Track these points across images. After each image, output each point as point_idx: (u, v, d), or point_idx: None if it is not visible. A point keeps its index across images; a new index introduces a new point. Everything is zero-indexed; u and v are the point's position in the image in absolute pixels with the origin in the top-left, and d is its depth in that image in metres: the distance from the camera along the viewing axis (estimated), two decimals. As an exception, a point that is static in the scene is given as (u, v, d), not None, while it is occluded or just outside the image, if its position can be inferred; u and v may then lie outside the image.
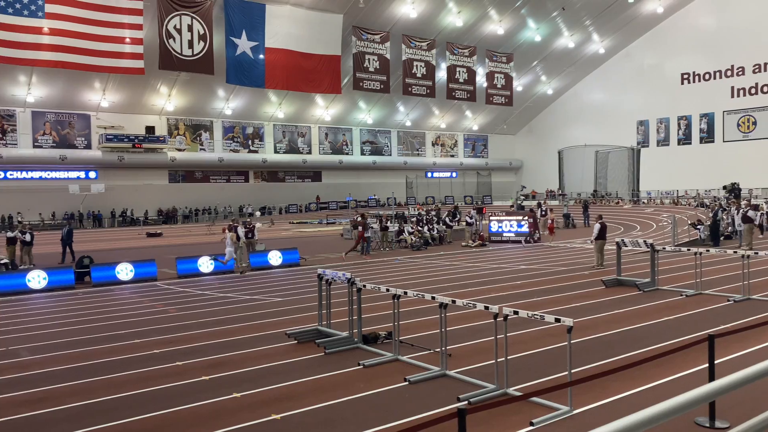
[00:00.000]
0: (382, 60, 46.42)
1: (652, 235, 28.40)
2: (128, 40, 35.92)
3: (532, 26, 54.17)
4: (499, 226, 29.72)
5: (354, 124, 62.97)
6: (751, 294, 12.96)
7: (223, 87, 48.83)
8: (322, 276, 10.45)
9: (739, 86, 54.43)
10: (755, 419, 2.31)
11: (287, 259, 21.85)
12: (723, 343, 7.68)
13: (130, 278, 18.74)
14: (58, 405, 7.40)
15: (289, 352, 9.60)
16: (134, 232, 42.63)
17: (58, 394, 7.86)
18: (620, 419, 2.04)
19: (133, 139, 49.29)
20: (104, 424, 6.68)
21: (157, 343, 10.50)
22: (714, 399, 3.53)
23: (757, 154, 51.93)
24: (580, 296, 13.91)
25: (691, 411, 6.03)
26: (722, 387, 2.22)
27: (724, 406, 6.03)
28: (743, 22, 52.37)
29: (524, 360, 8.62)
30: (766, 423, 2.32)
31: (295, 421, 6.63)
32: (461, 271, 19.40)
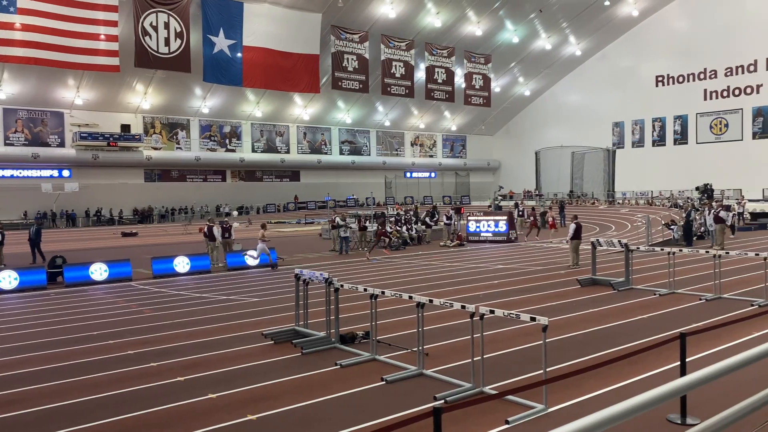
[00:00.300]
0: (361, 59, 46.40)
1: (627, 235, 28.79)
2: (103, 36, 35.44)
3: (509, 28, 54.59)
4: (477, 226, 29.89)
5: (333, 123, 62.84)
6: (723, 293, 13.20)
7: (200, 85, 48.37)
8: (300, 276, 10.41)
9: (712, 89, 55.44)
10: (722, 414, 2.36)
11: (265, 259, 21.70)
12: (694, 341, 7.81)
13: (104, 278, 18.47)
14: (29, 407, 7.26)
15: (266, 352, 9.54)
16: (109, 232, 42.03)
17: (29, 396, 7.72)
18: (594, 414, 2.06)
19: (108, 137, 48.57)
20: (76, 426, 6.57)
21: (132, 344, 10.36)
22: (685, 393, 3.61)
23: (728, 156, 52.95)
24: (555, 295, 14.05)
25: (664, 408, 6.14)
26: (693, 382, 2.26)
27: (695, 403, 6.14)
28: (716, 26, 53.36)
29: (500, 359, 8.67)
30: (733, 418, 2.36)
31: (271, 422, 6.59)
32: (439, 270, 19.47)
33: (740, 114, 53.76)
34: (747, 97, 53.21)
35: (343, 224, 25.63)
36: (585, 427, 1.91)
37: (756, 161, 51.08)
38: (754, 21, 51.07)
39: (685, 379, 2.26)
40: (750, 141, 53.05)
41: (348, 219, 27.16)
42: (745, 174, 50.02)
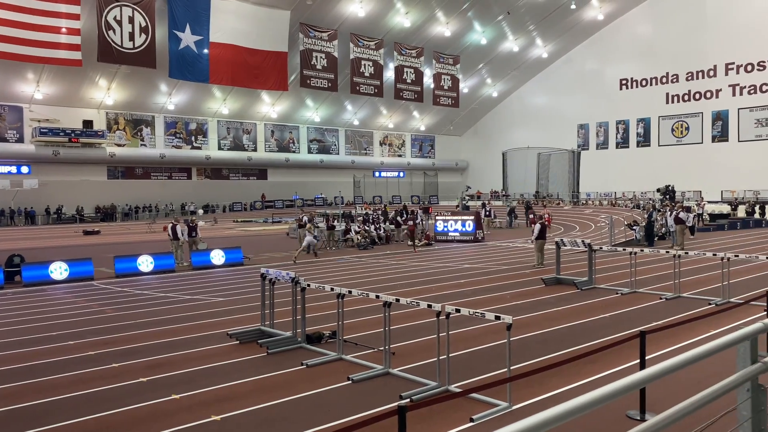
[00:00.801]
0: (330, 58, 46.23)
1: (591, 236, 29.32)
2: (64, 30, 34.55)
3: (478, 29, 55.06)
4: (444, 226, 30.08)
5: (301, 121, 62.49)
6: (682, 292, 13.54)
7: (166, 81, 47.58)
8: (266, 275, 10.32)
9: (674, 93, 56.82)
10: (675, 408, 2.42)
11: (230, 259, 21.49)
12: (654, 339, 8.00)
13: (64, 278, 18.03)
14: (-17, 410, 7.04)
15: (231, 352, 9.44)
16: (70, 230, 41.04)
17: (-16, 398, 7.49)
18: (555, 407, 2.10)
19: (70, 133, 47.38)
20: (34, 429, 6.40)
21: (93, 345, 10.14)
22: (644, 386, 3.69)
23: (689, 159, 54.35)
24: (520, 294, 14.23)
25: (624, 405, 6.27)
26: (650, 375, 2.32)
27: (654, 400, 6.29)
28: (678, 31, 54.72)
29: (466, 357, 8.74)
30: (685, 411, 2.43)
31: (235, 422, 6.53)
32: (406, 270, 19.53)
33: (700, 118, 55.24)
34: (707, 102, 54.71)
35: (309, 225, 25.39)
36: (546, 419, 1.94)
37: (715, 164, 52.55)
38: (714, 27, 52.54)
39: (644, 372, 2.32)
40: (709, 144, 54.55)
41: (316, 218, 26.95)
42: (705, 176, 51.42)
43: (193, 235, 22.50)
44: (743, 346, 2.81)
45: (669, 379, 6.39)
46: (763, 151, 50.77)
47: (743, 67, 52.28)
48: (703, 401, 2.52)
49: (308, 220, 25.53)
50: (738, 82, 52.73)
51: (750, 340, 2.80)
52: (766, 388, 2.83)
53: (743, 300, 11.83)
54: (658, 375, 2.41)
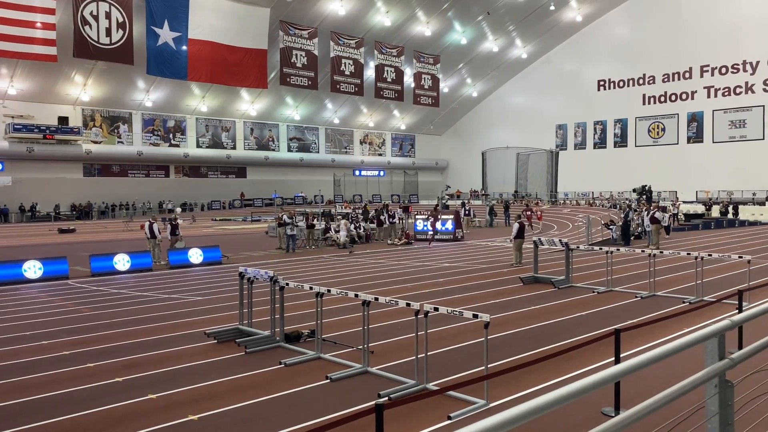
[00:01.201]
0: (310, 56, 46.06)
1: (568, 235, 29.63)
2: (39, 24, 33.97)
3: (458, 29, 55.29)
4: (424, 225, 30.16)
5: (281, 119, 62.21)
6: (657, 291, 13.75)
7: (144, 78, 47.02)
8: (244, 274, 10.28)
9: (650, 94, 57.65)
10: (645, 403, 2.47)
11: (208, 257, 21.33)
12: (629, 337, 8.12)
13: (38, 276, 17.74)
14: (-46, 411, 6.92)
15: (208, 351, 9.38)
16: (44, 228, 40.38)
17: (-45, 399, 7.35)
18: (529, 401, 2.14)
19: (45, 129, 46.61)
20: (6, 430, 6.30)
21: (68, 344, 10.01)
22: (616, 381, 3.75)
23: (665, 159, 55.20)
24: (498, 293, 14.34)
25: (599, 402, 6.36)
26: (622, 371, 2.37)
27: (629, 397, 6.38)
28: (655, 33, 55.51)
29: (444, 355, 8.79)
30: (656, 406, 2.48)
31: (212, 422, 6.50)
32: (386, 269, 19.57)
33: (676, 119, 56.12)
34: (683, 103, 55.60)
35: (289, 222, 25.36)
36: (521, 414, 1.98)
37: (690, 165, 53.44)
38: (690, 30, 53.40)
39: (616, 368, 2.37)
40: (685, 145, 55.46)
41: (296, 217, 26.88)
42: (680, 177, 52.28)
43: (176, 234, 22.53)
44: (711, 342, 2.87)
45: (643, 377, 6.49)
46: (737, 152, 51.77)
47: (718, 69, 53.23)
48: (672, 396, 2.57)
49: (288, 218, 25.43)
50: (713, 84, 53.68)
51: (718, 336, 2.86)
52: (733, 383, 2.90)
53: (716, 298, 12.07)
54: (629, 370, 2.46)
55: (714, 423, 2.83)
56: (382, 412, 3.96)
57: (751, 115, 51.77)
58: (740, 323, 3.18)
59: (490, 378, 6.16)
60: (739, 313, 3.57)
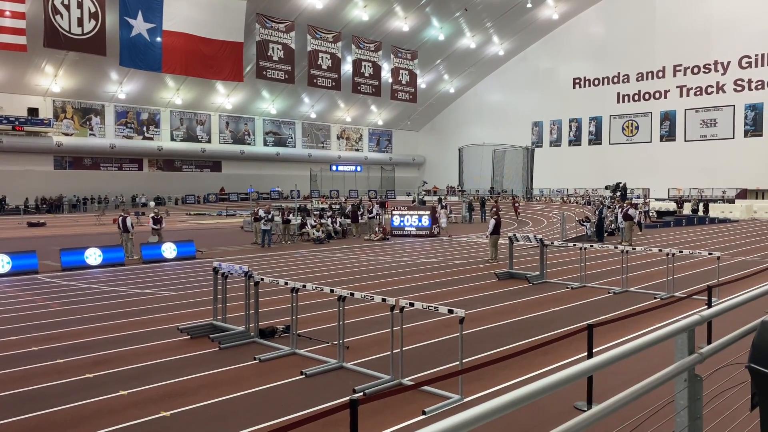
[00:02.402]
0: (287, 49, 45.75)
1: (543, 231, 29.93)
2: (8, 13, 33.22)
3: (436, 25, 55.39)
4: (401, 221, 30.20)
5: (257, 113, 61.73)
6: (629, 286, 13.95)
7: (116, 69, 46.27)
8: (218, 269, 10.17)
9: (624, 92, 58.45)
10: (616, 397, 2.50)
11: (182, 252, 21.08)
12: (601, 332, 8.22)
13: (6, 271, 17.35)
14: None
15: (181, 347, 9.27)
16: (13, 222, 39.53)
17: None
18: (503, 396, 2.15)
19: (14, 120, 45.63)
20: (-29, 429, 6.16)
21: (36, 340, 9.81)
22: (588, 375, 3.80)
23: (638, 157, 56.05)
24: (474, 288, 14.41)
25: (571, 397, 6.43)
26: (594, 365, 2.39)
27: (601, 391, 6.46)
28: (629, 32, 56.27)
29: (419, 351, 8.81)
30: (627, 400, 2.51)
31: (185, 418, 6.42)
32: (362, 264, 19.55)
33: (649, 117, 57.00)
34: (656, 102, 56.49)
35: (264, 216, 25.17)
36: (495, 408, 1.99)
37: (662, 162, 54.35)
38: (663, 30, 54.24)
39: (588, 362, 2.39)
40: (657, 143, 56.38)
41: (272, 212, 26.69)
42: (653, 174, 53.15)
43: (160, 227, 22.54)
44: (681, 337, 2.91)
45: (615, 371, 6.57)
46: (708, 151, 52.78)
47: (690, 69, 54.16)
48: (643, 390, 2.60)
49: (265, 213, 25.27)
50: (685, 83, 54.61)
51: (687, 331, 2.90)
52: (701, 377, 2.94)
53: (686, 294, 12.28)
54: (601, 365, 2.48)
55: (683, 416, 2.87)
56: (357, 407, 3.95)
57: (722, 114, 52.80)
58: (709, 318, 3.23)
59: (464, 373, 6.18)
60: (708, 309, 3.63)
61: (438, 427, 1.90)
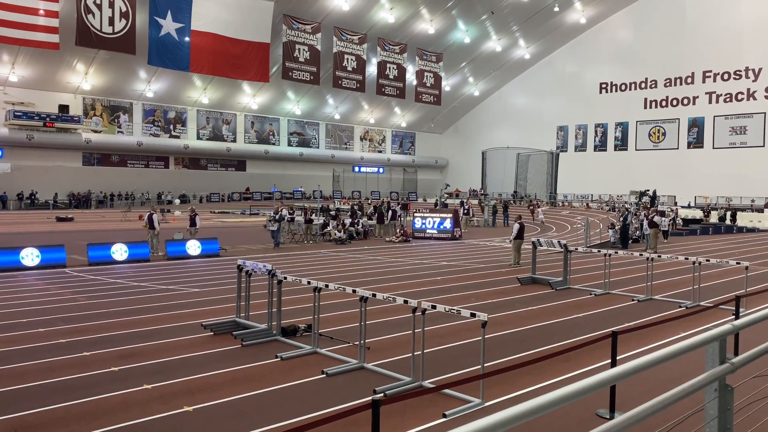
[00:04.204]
0: (313, 51, 45.99)
1: (567, 237, 29.65)
2: (42, 12, 33.89)
3: (461, 28, 55.23)
4: (422, 223, 30.16)
5: (282, 114, 62.13)
6: (654, 294, 13.76)
7: (145, 68, 46.92)
8: (242, 267, 10.26)
9: (652, 98, 57.67)
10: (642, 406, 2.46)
11: (206, 250, 21.31)
12: (625, 339, 8.12)
13: (35, 264, 17.71)
14: (-51, 397, 6.90)
15: (205, 343, 9.37)
16: (43, 216, 40.31)
17: (-51, 385, 7.33)
18: (524, 403, 2.13)
19: (45, 117, 46.54)
20: (1, 417, 6.28)
21: (64, 333, 9.99)
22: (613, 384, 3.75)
23: (664, 163, 55.24)
24: (496, 293, 14.34)
25: (594, 404, 6.36)
26: (620, 374, 2.37)
27: (624, 400, 6.38)
28: (658, 37, 55.50)
29: (440, 353, 8.79)
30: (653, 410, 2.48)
31: (207, 413, 6.49)
32: (384, 265, 19.56)
33: (677, 124, 56.14)
34: (684, 108, 55.62)
35: (272, 217, 25.01)
36: (516, 415, 1.97)
37: (690, 170, 53.48)
38: (693, 35, 53.39)
39: (613, 371, 2.36)
40: (685, 150, 55.50)
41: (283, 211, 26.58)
42: (680, 181, 52.33)
43: (194, 225, 22.73)
44: (712, 346, 2.87)
45: (639, 380, 6.49)
46: (737, 158, 51.81)
47: (720, 75, 53.24)
48: (670, 400, 2.57)
49: (274, 213, 25.17)
50: (714, 89, 53.69)
51: (719, 341, 2.86)
52: (732, 388, 2.90)
53: (713, 303, 12.08)
54: (627, 373, 2.45)
55: (713, 427, 2.82)
56: (379, 408, 3.95)
57: (752, 121, 51.79)
58: (741, 328, 3.18)
59: (486, 377, 6.16)
60: (739, 319, 3.57)
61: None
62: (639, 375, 2.65)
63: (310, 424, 3.59)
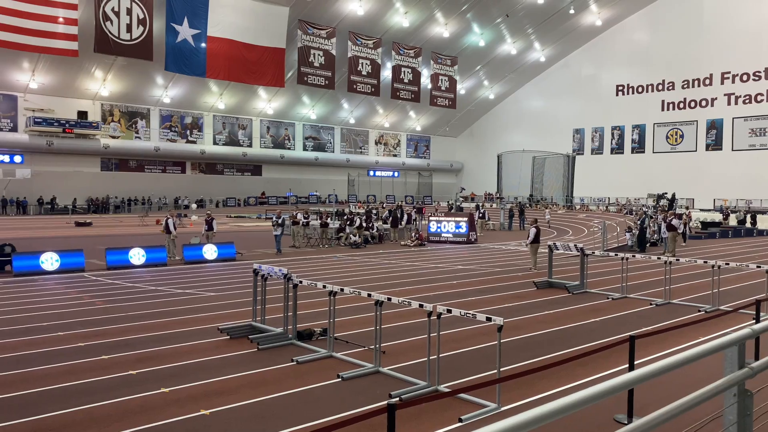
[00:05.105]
0: (328, 55, 46.20)
1: (583, 240, 29.43)
2: (62, 19, 34.41)
3: (476, 31, 55.16)
4: (438, 227, 30.12)
5: (297, 118, 62.42)
6: (672, 298, 13.61)
7: (162, 74, 47.42)
8: (258, 271, 10.31)
9: (669, 100, 57.12)
10: (661, 410, 2.44)
11: (223, 254, 21.46)
12: (643, 344, 8.06)
13: (55, 268, 17.95)
14: (-29, 399, 7.01)
15: (221, 347, 9.43)
16: (62, 221, 40.85)
17: (-28, 387, 7.45)
18: (541, 406, 2.13)
19: (64, 123, 47.20)
20: (21, 419, 6.38)
21: (82, 336, 10.11)
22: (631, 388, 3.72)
23: (682, 166, 54.65)
24: (512, 297, 14.26)
25: (611, 409, 6.30)
26: (637, 377, 2.35)
27: (642, 404, 6.32)
28: (675, 39, 54.99)
29: (456, 358, 8.76)
30: (671, 414, 2.46)
31: (224, 417, 6.53)
32: (399, 269, 19.55)
33: (695, 126, 55.54)
34: (702, 110, 55.02)
35: (275, 221, 24.58)
36: (533, 418, 1.97)
37: (708, 172, 52.85)
38: (711, 36, 52.83)
39: (631, 374, 2.35)
40: (703, 152, 54.87)
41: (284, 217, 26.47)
42: (698, 184, 51.74)
43: (211, 229, 22.83)
44: (731, 351, 2.84)
45: (657, 384, 6.42)
46: (756, 160, 51.12)
47: (739, 76, 52.61)
48: (689, 405, 2.54)
49: (276, 217, 24.87)
50: (733, 91, 53.05)
51: (738, 345, 2.83)
52: (752, 393, 2.86)
53: (732, 308, 11.92)
54: (645, 377, 2.44)
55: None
56: (395, 412, 3.95)
57: (772, 123, 51.10)
58: (761, 332, 3.14)
59: (502, 381, 6.12)
60: (759, 323, 3.53)
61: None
62: (657, 379, 2.63)
63: (326, 428, 3.59)
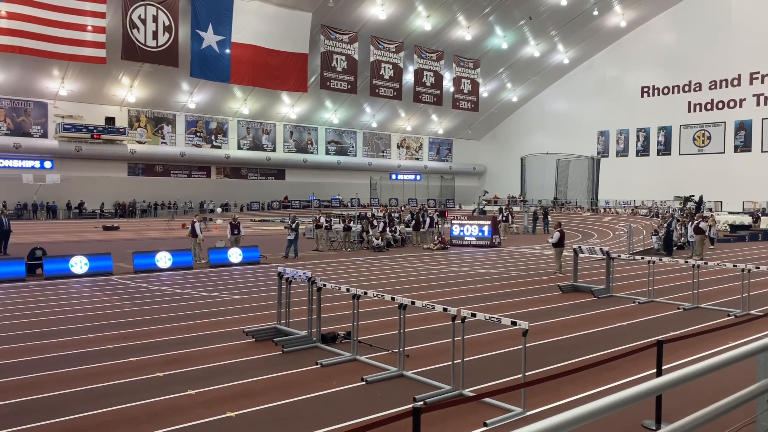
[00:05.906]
0: (350, 60, 46.40)
1: (609, 243, 29.07)
2: (90, 28, 35.10)
3: (499, 33, 54.91)
4: (461, 230, 30.01)
5: (320, 123, 62.74)
6: (700, 303, 13.38)
7: (187, 80, 48.03)
8: (283, 274, 10.39)
9: (696, 101, 56.18)
10: (691, 417, 2.41)
11: (247, 257, 21.64)
12: (671, 348, 7.94)
13: (84, 272, 18.28)
14: (4, 399, 7.17)
15: (247, 350, 9.52)
16: (90, 225, 41.57)
17: (5, 388, 7.63)
18: (568, 411, 2.11)
19: (92, 129, 48.05)
20: (52, 420, 6.51)
21: (111, 339, 10.28)
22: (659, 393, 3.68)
23: (710, 168, 53.67)
24: (537, 301, 14.15)
25: (640, 415, 6.22)
26: (666, 383, 2.32)
27: (671, 410, 6.23)
28: (701, 39, 54.10)
29: (480, 362, 8.73)
30: (702, 420, 2.42)
31: (250, 419, 6.59)
32: (422, 273, 19.52)
33: (723, 127, 54.55)
34: (730, 111, 54.01)
35: (289, 225, 24.13)
36: (560, 423, 1.96)
37: (737, 174, 51.84)
38: (739, 36, 51.87)
39: (659, 380, 2.32)
40: (732, 154, 53.85)
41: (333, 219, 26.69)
42: (726, 186, 50.77)
43: (237, 233, 22.96)
44: (764, 356, 2.79)
45: (687, 390, 6.31)
46: (787, 162, 50.00)
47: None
48: (719, 411, 2.51)
49: (291, 221, 24.56)
50: (763, 91, 52.00)
51: (771, 350, 2.78)
52: (786, 399, 2.81)
53: (763, 312, 11.68)
54: (674, 383, 2.41)
55: (765, 439, 2.74)
56: (420, 415, 3.95)
57: (803, 124, 49.98)
58: (793, 337, 3.07)
59: (527, 386, 6.08)
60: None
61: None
62: (686, 385, 2.60)
63: (352, 431, 3.62)
